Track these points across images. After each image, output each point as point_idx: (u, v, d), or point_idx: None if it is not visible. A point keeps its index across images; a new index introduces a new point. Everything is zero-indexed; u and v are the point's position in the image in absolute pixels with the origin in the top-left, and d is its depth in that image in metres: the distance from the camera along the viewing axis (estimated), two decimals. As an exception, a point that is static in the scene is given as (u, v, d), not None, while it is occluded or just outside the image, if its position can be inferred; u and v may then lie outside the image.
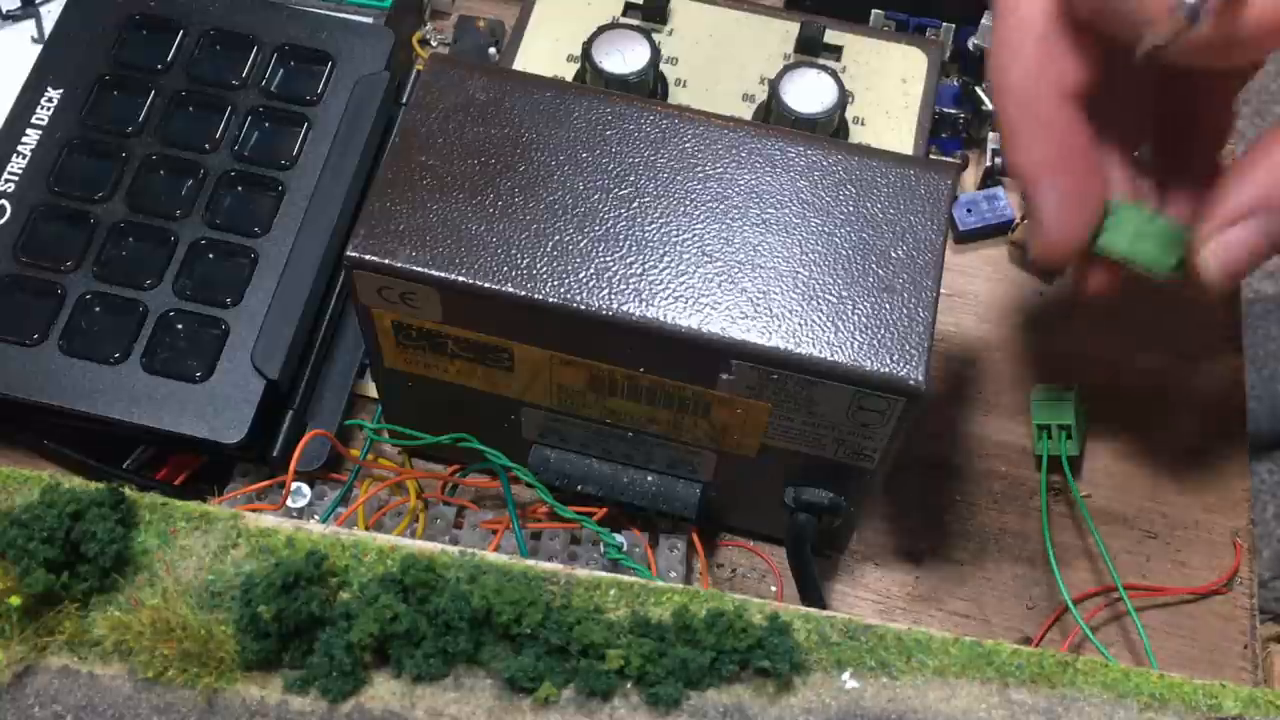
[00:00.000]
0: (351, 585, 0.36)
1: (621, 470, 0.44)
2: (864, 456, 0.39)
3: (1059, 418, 0.48)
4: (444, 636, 0.35)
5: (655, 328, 0.37)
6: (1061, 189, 0.38)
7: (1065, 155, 0.38)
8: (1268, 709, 0.35)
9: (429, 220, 0.38)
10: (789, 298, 0.37)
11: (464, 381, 0.41)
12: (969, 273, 0.53)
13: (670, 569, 0.45)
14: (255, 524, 0.37)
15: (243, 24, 0.52)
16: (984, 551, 0.47)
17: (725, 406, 0.39)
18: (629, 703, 0.35)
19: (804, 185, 0.39)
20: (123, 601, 0.36)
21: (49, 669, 0.35)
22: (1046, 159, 0.38)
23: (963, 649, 0.36)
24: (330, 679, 0.35)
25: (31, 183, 0.48)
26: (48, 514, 0.35)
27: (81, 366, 0.44)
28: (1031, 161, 0.38)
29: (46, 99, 0.49)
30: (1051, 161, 0.38)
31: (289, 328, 0.45)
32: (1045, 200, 0.38)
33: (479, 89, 0.40)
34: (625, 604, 0.36)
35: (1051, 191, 0.38)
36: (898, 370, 0.36)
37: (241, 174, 0.49)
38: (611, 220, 0.38)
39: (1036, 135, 0.38)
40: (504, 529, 0.45)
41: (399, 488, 0.46)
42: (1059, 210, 0.38)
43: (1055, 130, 0.37)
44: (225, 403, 0.44)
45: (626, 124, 0.40)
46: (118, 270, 0.46)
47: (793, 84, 0.45)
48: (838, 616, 0.36)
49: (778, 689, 0.35)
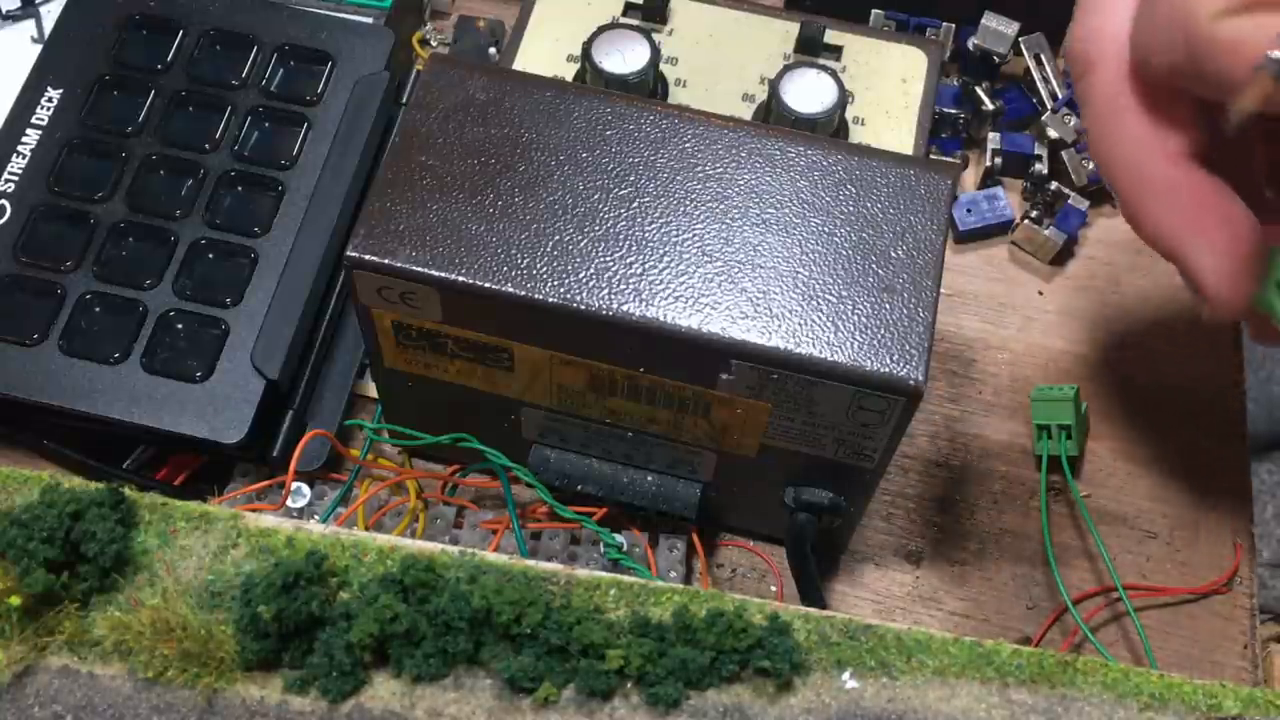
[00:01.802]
0: (351, 585, 0.36)
1: (621, 470, 0.44)
2: (864, 456, 0.39)
3: (1059, 418, 0.48)
4: (444, 636, 0.35)
5: (655, 328, 0.37)
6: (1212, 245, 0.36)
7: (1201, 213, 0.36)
8: (1268, 709, 0.35)
9: (429, 220, 0.38)
10: (789, 298, 0.37)
11: (464, 381, 0.41)
12: (969, 273, 0.53)
13: (670, 569, 0.45)
14: (255, 524, 0.37)
15: (243, 24, 0.52)
16: (984, 551, 0.47)
17: (725, 406, 0.39)
18: (629, 703, 0.35)
19: (804, 185, 0.39)
20: (123, 601, 0.36)
21: (49, 669, 0.35)
22: (1185, 224, 0.36)
23: (963, 649, 0.36)
24: (330, 679, 0.35)
25: (31, 183, 0.48)
26: (48, 514, 0.35)
27: (81, 366, 0.44)
28: (1169, 230, 0.36)
29: (46, 99, 0.49)
30: (1191, 225, 0.36)
31: (289, 328, 0.45)
32: (1200, 262, 0.36)
33: (479, 89, 0.40)
34: (625, 604, 0.36)
35: (1205, 252, 0.36)
36: (897, 370, 0.36)
37: (241, 174, 0.49)
38: (611, 220, 0.38)
39: (1167, 203, 0.36)
40: (504, 529, 0.45)
41: (399, 488, 0.46)
42: (1218, 266, 0.36)
43: (1183, 192, 0.36)
44: (225, 403, 0.44)
45: (626, 124, 0.40)
46: (118, 270, 0.46)
47: (793, 84, 0.45)
48: (838, 616, 0.36)
49: (778, 689, 0.35)
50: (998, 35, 0.53)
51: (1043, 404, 0.48)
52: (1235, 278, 0.36)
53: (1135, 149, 0.36)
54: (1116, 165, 0.37)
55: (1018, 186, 0.55)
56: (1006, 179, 0.54)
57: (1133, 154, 0.36)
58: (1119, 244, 0.53)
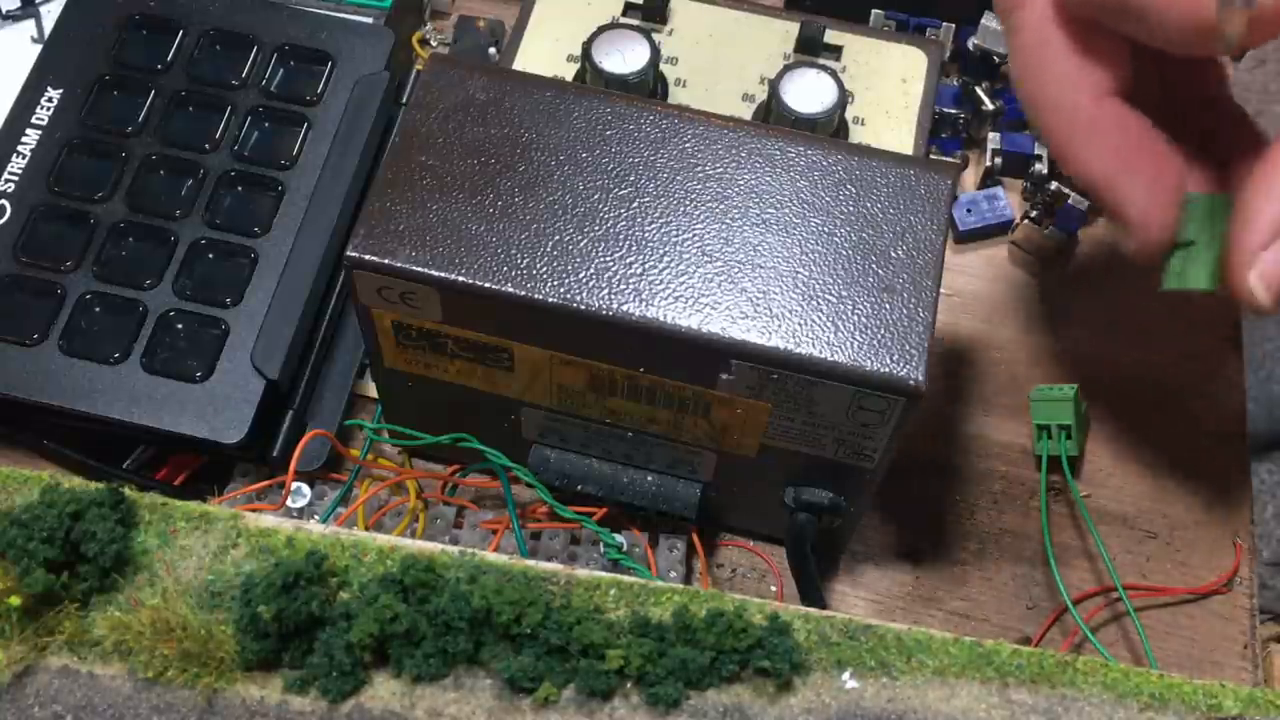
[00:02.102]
0: (351, 585, 0.36)
1: (621, 470, 0.44)
2: (864, 456, 0.39)
3: (1059, 418, 0.48)
4: (444, 636, 0.35)
5: (655, 328, 0.37)
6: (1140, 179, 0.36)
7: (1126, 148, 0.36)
8: (1268, 709, 0.35)
9: (429, 220, 0.38)
10: (789, 298, 0.37)
11: (464, 381, 0.41)
12: (969, 273, 0.53)
13: (670, 569, 0.45)
14: (255, 524, 0.37)
15: (243, 24, 0.52)
16: (984, 551, 0.47)
17: (725, 406, 0.39)
18: (629, 703, 0.35)
19: (804, 185, 0.39)
20: (123, 601, 0.36)
21: (49, 669, 0.35)
22: (1112, 159, 0.36)
23: (963, 649, 0.36)
24: (330, 679, 0.35)
25: (31, 183, 0.48)
26: (48, 514, 0.35)
27: (81, 366, 0.44)
28: (1097, 167, 0.36)
29: (46, 99, 0.49)
30: (1119, 157, 0.36)
31: (289, 328, 0.45)
32: (1125, 196, 0.36)
33: (479, 89, 0.40)
34: (625, 604, 0.36)
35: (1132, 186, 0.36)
36: (897, 370, 0.36)
37: (241, 174, 0.49)
38: (611, 220, 0.38)
39: (1094, 140, 0.36)
40: (504, 529, 0.45)
41: (399, 488, 0.46)
42: (1142, 201, 0.36)
43: (1109, 129, 0.36)
44: (225, 403, 0.44)
45: (626, 124, 0.40)
46: (118, 270, 0.46)
47: (793, 84, 0.45)
48: (838, 616, 0.36)
49: (778, 689, 0.35)
50: (998, 35, 0.53)
51: (1043, 404, 0.48)
52: (1160, 212, 0.36)
53: (1062, 86, 0.36)
54: (1044, 103, 0.37)
55: (1018, 186, 0.55)
56: (1006, 179, 0.54)
57: (1060, 92, 0.36)
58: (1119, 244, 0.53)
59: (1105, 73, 0.36)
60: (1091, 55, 0.36)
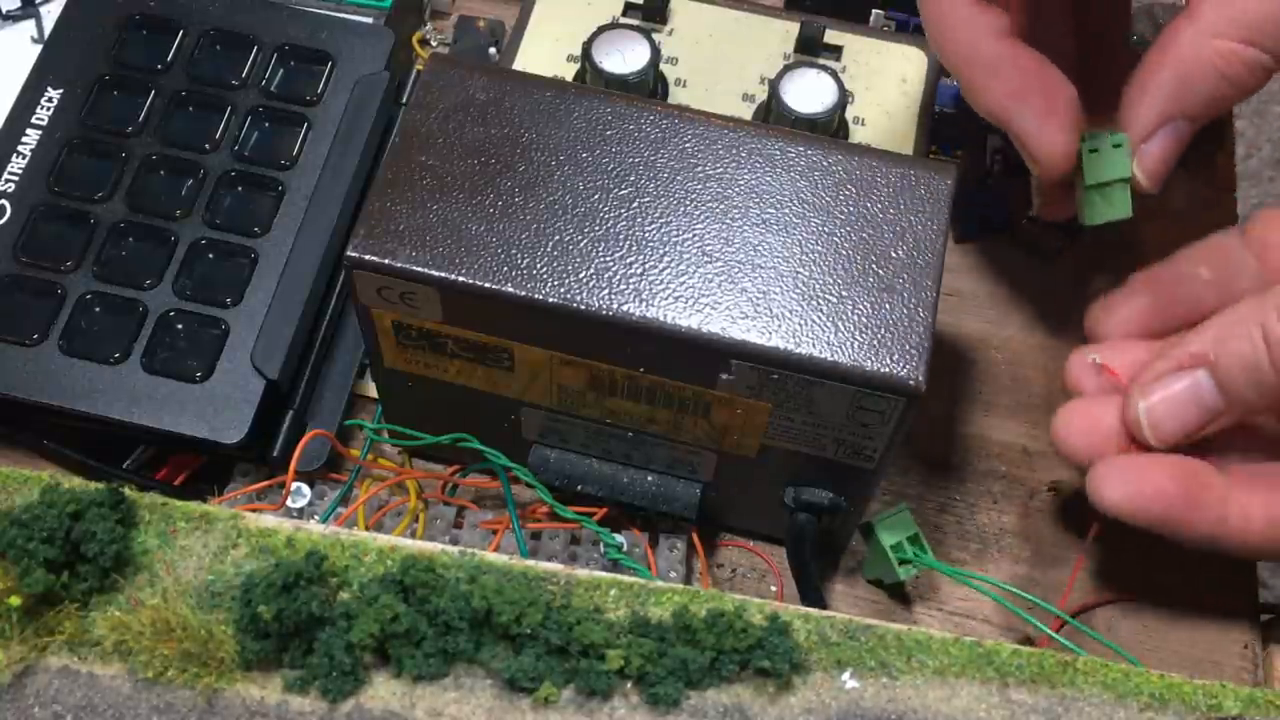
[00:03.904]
0: (351, 585, 0.36)
1: (621, 470, 0.44)
2: (864, 456, 0.39)
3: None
4: (444, 636, 0.35)
5: (655, 328, 0.37)
6: (1036, 109, 0.40)
7: (1025, 82, 0.40)
8: (1268, 709, 0.35)
9: (429, 220, 0.38)
10: (789, 298, 0.37)
11: (464, 381, 0.41)
12: (969, 273, 0.53)
13: (670, 569, 0.45)
14: (255, 524, 0.37)
15: (243, 24, 0.52)
16: (984, 551, 0.47)
17: (725, 406, 0.39)
18: (629, 703, 0.35)
19: (804, 185, 0.39)
20: (123, 601, 0.36)
21: (49, 669, 0.35)
22: (1012, 91, 0.40)
23: (963, 649, 0.36)
24: (330, 679, 0.35)
25: (31, 183, 0.48)
26: (48, 514, 0.35)
27: (81, 366, 0.44)
28: (998, 97, 0.40)
29: (46, 99, 0.49)
30: (1016, 90, 0.40)
31: (289, 328, 0.45)
32: (1025, 125, 0.40)
33: (479, 89, 0.40)
34: (625, 604, 0.36)
35: (1029, 115, 0.40)
36: (898, 370, 0.36)
37: (241, 174, 0.49)
38: (611, 220, 0.38)
39: (995, 75, 0.40)
40: (504, 529, 0.45)
41: (399, 488, 0.46)
42: (1042, 128, 0.40)
43: (1008, 64, 0.40)
44: (225, 403, 0.44)
45: (626, 124, 0.40)
46: (118, 270, 0.46)
47: (793, 84, 0.45)
48: (838, 616, 0.36)
49: (778, 689, 0.35)
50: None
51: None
52: (1056, 137, 0.40)
53: (966, 29, 0.40)
54: (948, 45, 0.41)
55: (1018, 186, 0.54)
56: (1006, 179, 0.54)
57: (964, 34, 0.40)
58: (1119, 244, 0.53)
59: (1001, 16, 0.40)
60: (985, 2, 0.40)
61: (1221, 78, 0.39)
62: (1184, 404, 0.39)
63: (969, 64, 0.40)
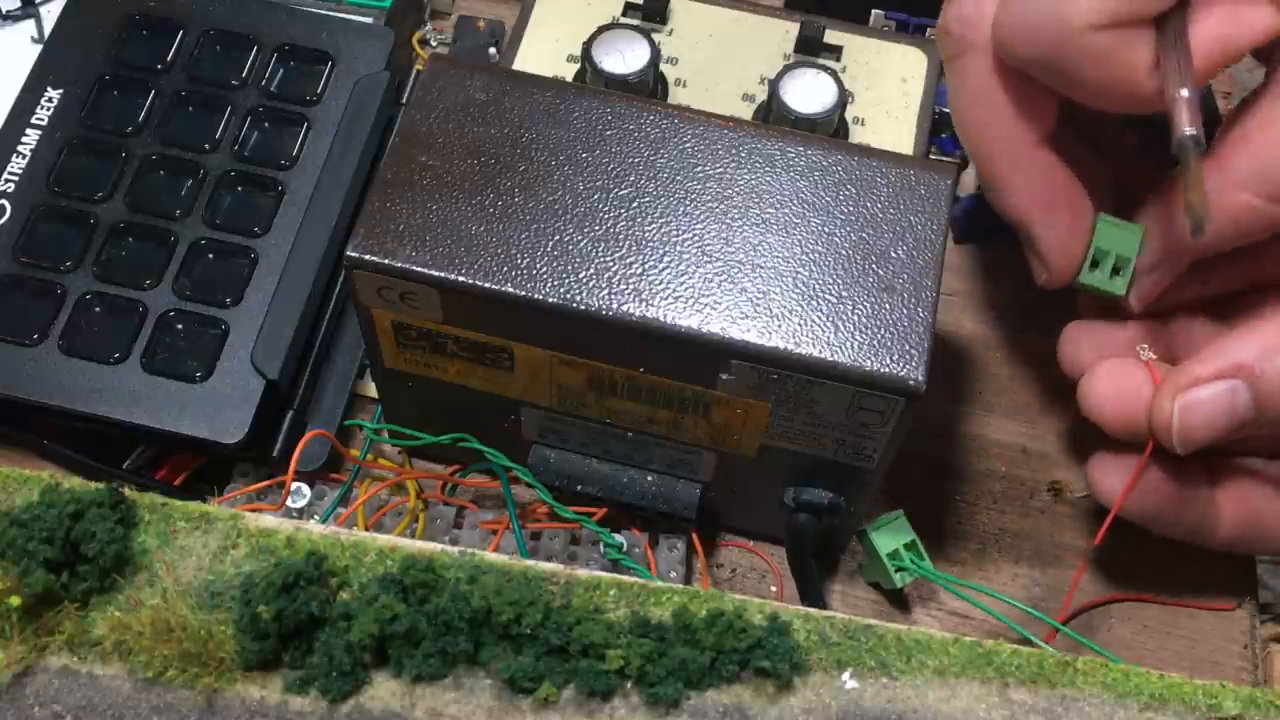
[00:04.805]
0: (351, 585, 0.36)
1: (621, 470, 0.44)
2: (864, 456, 0.39)
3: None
4: (444, 636, 0.35)
5: (655, 328, 0.37)
6: (1063, 224, 0.41)
7: (1052, 194, 0.41)
8: (1268, 709, 0.35)
9: (429, 220, 0.38)
10: (789, 298, 0.37)
11: (464, 381, 0.41)
12: (969, 273, 0.53)
13: (670, 569, 0.45)
14: (255, 524, 0.37)
15: (243, 24, 0.52)
16: (984, 551, 0.47)
17: (725, 406, 0.39)
18: (629, 703, 0.35)
19: (804, 185, 0.39)
20: (123, 601, 0.36)
21: (49, 669, 0.35)
22: (1038, 201, 0.41)
23: (963, 649, 0.36)
24: (330, 679, 0.35)
25: (31, 183, 0.48)
26: (48, 514, 0.35)
27: (81, 366, 0.44)
28: (1024, 205, 0.41)
29: (46, 99, 0.49)
30: (1043, 203, 0.41)
31: (289, 328, 0.45)
32: (1043, 236, 0.41)
33: (479, 89, 0.40)
34: (625, 604, 0.36)
35: (1049, 230, 0.41)
36: (898, 370, 0.36)
37: (241, 174, 0.49)
38: (611, 220, 0.38)
39: (1024, 182, 0.40)
40: (504, 529, 0.45)
41: (399, 488, 0.46)
42: (1061, 243, 0.41)
43: (1038, 175, 0.40)
44: (225, 403, 0.44)
45: (626, 124, 0.40)
46: (118, 270, 0.46)
47: (793, 84, 0.45)
48: (837, 616, 0.36)
49: (778, 689, 0.35)
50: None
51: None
52: (1072, 253, 0.41)
53: (1003, 130, 0.40)
54: (985, 144, 0.41)
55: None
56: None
57: (1001, 135, 0.40)
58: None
59: (1038, 123, 0.40)
60: (1027, 106, 0.40)
61: (1235, 225, 0.38)
62: (1218, 413, 0.38)
63: (1004, 168, 0.40)
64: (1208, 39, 0.36)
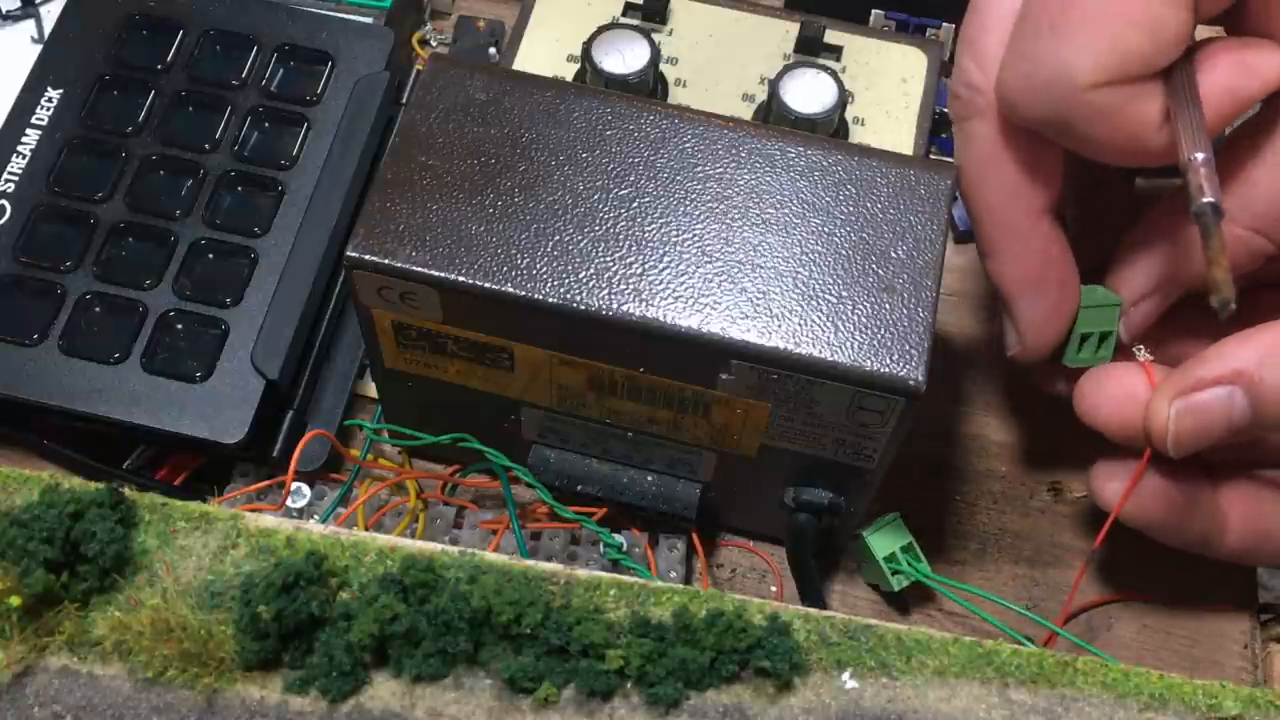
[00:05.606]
0: (351, 585, 0.36)
1: (621, 470, 0.44)
2: (864, 456, 0.39)
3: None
4: (444, 636, 0.35)
5: (655, 328, 0.37)
6: (1046, 302, 0.40)
7: (1044, 270, 0.40)
8: (1268, 709, 0.35)
9: (429, 220, 0.38)
10: (789, 298, 0.37)
11: (464, 381, 0.41)
12: (969, 273, 0.53)
13: (670, 569, 0.45)
14: (255, 524, 0.37)
15: (243, 24, 0.52)
16: (984, 551, 0.47)
17: (725, 406, 0.39)
18: (629, 703, 0.35)
19: (804, 185, 0.39)
20: (123, 601, 0.36)
21: (49, 669, 0.35)
22: (1028, 276, 0.40)
23: (963, 649, 0.36)
24: (330, 679, 0.35)
25: (31, 183, 0.48)
26: (48, 514, 0.35)
27: (81, 366, 0.44)
28: (1014, 278, 0.40)
29: (46, 99, 0.49)
30: (1033, 279, 0.40)
31: (289, 328, 0.45)
32: (1026, 312, 0.41)
33: (479, 89, 0.40)
34: (625, 604, 0.36)
35: (1033, 308, 0.41)
36: (898, 370, 0.36)
37: (241, 174, 0.49)
38: (611, 220, 0.38)
39: (1019, 253, 0.40)
40: (504, 529, 0.45)
41: (399, 488, 0.46)
42: (1043, 322, 0.41)
43: (1035, 247, 0.40)
44: (225, 403, 0.44)
45: (626, 124, 0.40)
46: (118, 270, 0.46)
47: (793, 84, 0.45)
48: (837, 616, 0.36)
49: (778, 689, 0.35)
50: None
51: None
52: (1051, 335, 0.41)
53: (1004, 195, 0.40)
54: (984, 210, 0.40)
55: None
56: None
57: (1001, 201, 0.40)
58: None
59: (1043, 192, 0.39)
60: (1032, 175, 0.39)
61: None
62: (1215, 418, 0.38)
63: (1001, 234, 0.40)
64: (1217, 91, 0.35)
